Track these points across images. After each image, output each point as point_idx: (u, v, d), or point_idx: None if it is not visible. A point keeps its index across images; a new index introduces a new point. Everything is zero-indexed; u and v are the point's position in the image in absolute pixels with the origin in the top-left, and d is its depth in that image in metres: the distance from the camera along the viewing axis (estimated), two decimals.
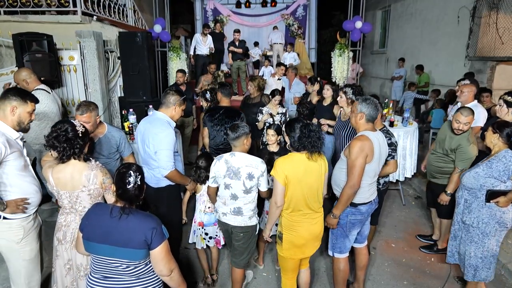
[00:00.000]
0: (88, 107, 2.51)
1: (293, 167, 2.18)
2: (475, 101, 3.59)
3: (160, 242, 1.66)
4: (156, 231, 1.65)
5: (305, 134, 2.16)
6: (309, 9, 10.66)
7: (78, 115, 2.48)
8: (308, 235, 2.29)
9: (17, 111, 2.10)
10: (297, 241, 2.28)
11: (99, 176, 2.06)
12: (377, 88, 11.01)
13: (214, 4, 10.45)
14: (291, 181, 2.16)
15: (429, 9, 8.21)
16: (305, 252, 2.38)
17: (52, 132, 2.03)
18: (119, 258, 1.65)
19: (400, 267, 3.21)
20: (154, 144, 2.49)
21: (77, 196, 2.05)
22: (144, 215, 1.71)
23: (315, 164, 2.20)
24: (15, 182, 2.12)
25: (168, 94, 2.59)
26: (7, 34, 4.49)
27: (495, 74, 6.25)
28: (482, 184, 2.48)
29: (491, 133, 2.50)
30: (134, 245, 1.63)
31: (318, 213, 2.31)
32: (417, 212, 4.22)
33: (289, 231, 2.29)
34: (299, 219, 2.26)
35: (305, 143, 2.16)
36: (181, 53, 7.11)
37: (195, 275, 3.07)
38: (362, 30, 6.78)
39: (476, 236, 2.55)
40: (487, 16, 6.24)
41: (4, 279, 2.94)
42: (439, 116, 6.02)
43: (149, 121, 2.65)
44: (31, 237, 2.22)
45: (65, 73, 4.81)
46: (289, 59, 8.49)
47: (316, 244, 2.40)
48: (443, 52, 7.67)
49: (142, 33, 4.96)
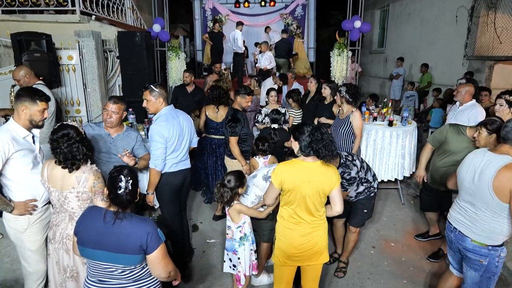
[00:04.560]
0: (120, 99, 2.68)
1: (292, 174, 2.07)
2: (473, 101, 3.60)
3: (156, 247, 1.63)
4: (152, 236, 1.61)
5: (317, 138, 2.02)
6: (308, 9, 10.68)
7: (110, 103, 2.60)
8: (299, 244, 2.15)
9: (28, 111, 2.17)
10: (286, 249, 2.19)
11: (90, 180, 2.02)
12: (376, 87, 11.03)
13: (213, 4, 10.45)
14: (287, 187, 2.08)
15: (427, 9, 8.23)
16: (297, 262, 2.24)
17: (59, 140, 1.97)
18: (114, 264, 1.63)
19: (399, 266, 3.21)
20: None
21: (65, 196, 2.03)
22: (138, 220, 1.67)
23: (323, 177, 2.04)
24: (20, 180, 2.16)
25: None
26: (5, 33, 4.47)
27: (493, 74, 6.29)
28: None
29: (486, 134, 2.45)
30: (129, 251, 1.60)
31: (313, 225, 2.16)
32: (416, 211, 4.23)
33: (281, 237, 2.23)
34: (291, 226, 2.17)
35: (317, 147, 2.01)
36: (180, 53, 7.10)
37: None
38: (361, 29, 6.79)
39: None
40: (485, 16, 6.26)
41: (3, 279, 2.95)
42: (438, 115, 6.03)
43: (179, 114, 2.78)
44: (36, 228, 2.26)
45: (64, 72, 4.79)
46: (263, 61, 7.77)
47: (314, 257, 2.22)
48: (441, 52, 7.69)
49: (141, 33, 4.96)
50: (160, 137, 2.56)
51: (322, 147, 2.01)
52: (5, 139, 2.07)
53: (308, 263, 2.25)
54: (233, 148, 3.43)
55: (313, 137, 2.02)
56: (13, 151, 2.08)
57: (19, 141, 2.14)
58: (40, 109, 2.20)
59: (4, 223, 2.24)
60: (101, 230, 1.62)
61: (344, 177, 2.58)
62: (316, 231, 2.18)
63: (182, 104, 4.58)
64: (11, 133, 2.12)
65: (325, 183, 2.06)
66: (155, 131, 2.58)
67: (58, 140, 1.98)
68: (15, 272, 3.02)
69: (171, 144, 2.65)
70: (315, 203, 2.10)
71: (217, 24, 8.91)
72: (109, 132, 2.70)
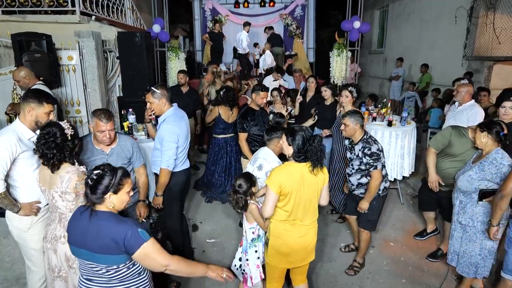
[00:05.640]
0: (110, 113, 2.38)
1: (289, 177, 2.07)
2: (472, 101, 3.61)
3: (137, 247, 1.56)
4: (130, 236, 1.55)
5: (309, 146, 2.06)
6: (308, 9, 10.67)
7: (102, 123, 2.29)
8: (294, 245, 2.18)
9: (34, 113, 2.21)
10: (282, 249, 2.20)
11: (73, 180, 1.98)
12: (375, 87, 11.04)
13: (212, 4, 10.45)
14: (286, 191, 2.07)
15: (426, 9, 8.25)
16: (292, 262, 2.27)
17: (40, 138, 1.98)
18: (97, 263, 1.61)
19: (398, 265, 3.23)
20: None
21: (52, 195, 2.02)
22: (116, 221, 1.60)
23: (314, 177, 2.11)
24: (24, 180, 2.20)
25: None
26: (5, 34, 4.48)
27: (492, 74, 6.30)
28: (476, 187, 2.49)
29: (479, 132, 2.48)
30: (109, 251, 1.57)
31: (309, 226, 2.20)
32: (415, 211, 4.24)
33: (275, 238, 2.20)
34: (288, 228, 2.17)
35: (309, 155, 2.07)
36: (179, 53, 7.12)
37: None
38: (360, 30, 6.81)
39: (473, 235, 2.58)
40: (484, 16, 6.27)
41: (3, 279, 2.95)
42: (437, 115, 6.05)
43: (183, 114, 2.81)
44: (39, 227, 2.27)
45: (64, 73, 4.80)
46: (267, 62, 7.75)
47: (306, 257, 2.29)
48: (440, 52, 7.71)
49: (141, 33, 4.97)
50: (174, 136, 2.59)
51: (315, 159, 2.07)
52: (13, 139, 2.10)
53: (299, 265, 2.30)
54: (241, 144, 3.50)
55: (308, 147, 2.06)
56: (19, 152, 2.12)
57: (25, 142, 2.18)
58: (47, 111, 2.24)
59: (7, 222, 2.26)
60: (82, 229, 1.61)
61: (365, 152, 2.70)
62: (311, 232, 2.23)
63: (177, 105, 4.61)
64: (17, 133, 2.16)
65: (320, 180, 2.15)
66: (169, 131, 2.58)
67: (39, 138, 1.99)
68: (15, 271, 3.03)
69: (182, 143, 2.68)
70: (314, 203, 2.15)
71: (218, 25, 8.93)
72: (102, 148, 2.43)
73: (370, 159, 2.69)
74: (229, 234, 3.71)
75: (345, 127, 2.77)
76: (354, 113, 2.78)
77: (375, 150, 2.69)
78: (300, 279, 2.43)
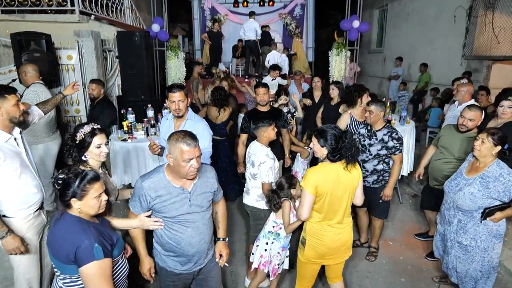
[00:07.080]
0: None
1: (325, 178, 2.06)
2: (472, 100, 3.62)
3: (85, 263, 1.45)
4: (82, 247, 1.46)
5: (342, 143, 2.02)
6: (307, 8, 10.68)
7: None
8: (331, 244, 2.19)
9: (2, 110, 2.02)
10: (319, 249, 2.21)
11: None
12: (374, 87, 11.04)
13: (211, 3, 10.45)
14: (321, 192, 2.06)
15: (425, 9, 8.26)
16: (329, 260, 2.27)
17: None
18: (55, 266, 1.58)
19: (397, 265, 3.24)
20: None
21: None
22: (76, 228, 1.52)
23: (349, 174, 2.08)
24: (8, 187, 2.05)
25: None
26: (4, 33, 4.48)
27: (491, 73, 6.31)
28: (480, 205, 2.29)
29: (491, 145, 2.24)
30: (60, 257, 1.51)
31: (344, 224, 2.21)
32: (414, 210, 4.25)
33: (312, 238, 2.21)
34: (324, 228, 2.18)
35: (343, 152, 2.03)
36: (179, 52, 7.11)
37: None
38: (360, 29, 6.81)
39: (476, 255, 2.41)
40: (483, 16, 6.28)
41: (3, 278, 2.95)
42: (437, 114, 6.06)
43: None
44: (30, 235, 2.20)
45: (63, 72, 4.80)
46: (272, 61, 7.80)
47: (344, 254, 2.29)
48: (439, 51, 7.72)
49: (140, 33, 4.97)
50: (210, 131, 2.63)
51: (349, 155, 2.04)
52: None
53: (338, 262, 2.32)
54: (238, 144, 3.49)
55: (342, 144, 2.02)
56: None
57: (2, 148, 1.99)
58: (13, 103, 2.04)
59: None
60: (50, 231, 1.59)
61: (393, 136, 2.87)
62: (347, 230, 2.25)
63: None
64: None
65: (355, 178, 2.14)
66: (207, 127, 2.62)
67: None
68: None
69: None
70: (348, 202, 2.17)
71: (217, 24, 8.92)
72: (183, 186, 1.83)
73: (397, 143, 2.87)
74: (229, 235, 3.69)
75: (370, 114, 2.89)
76: (379, 101, 2.95)
77: (400, 135, 2.91)
78: (335, 277, 2.43)
